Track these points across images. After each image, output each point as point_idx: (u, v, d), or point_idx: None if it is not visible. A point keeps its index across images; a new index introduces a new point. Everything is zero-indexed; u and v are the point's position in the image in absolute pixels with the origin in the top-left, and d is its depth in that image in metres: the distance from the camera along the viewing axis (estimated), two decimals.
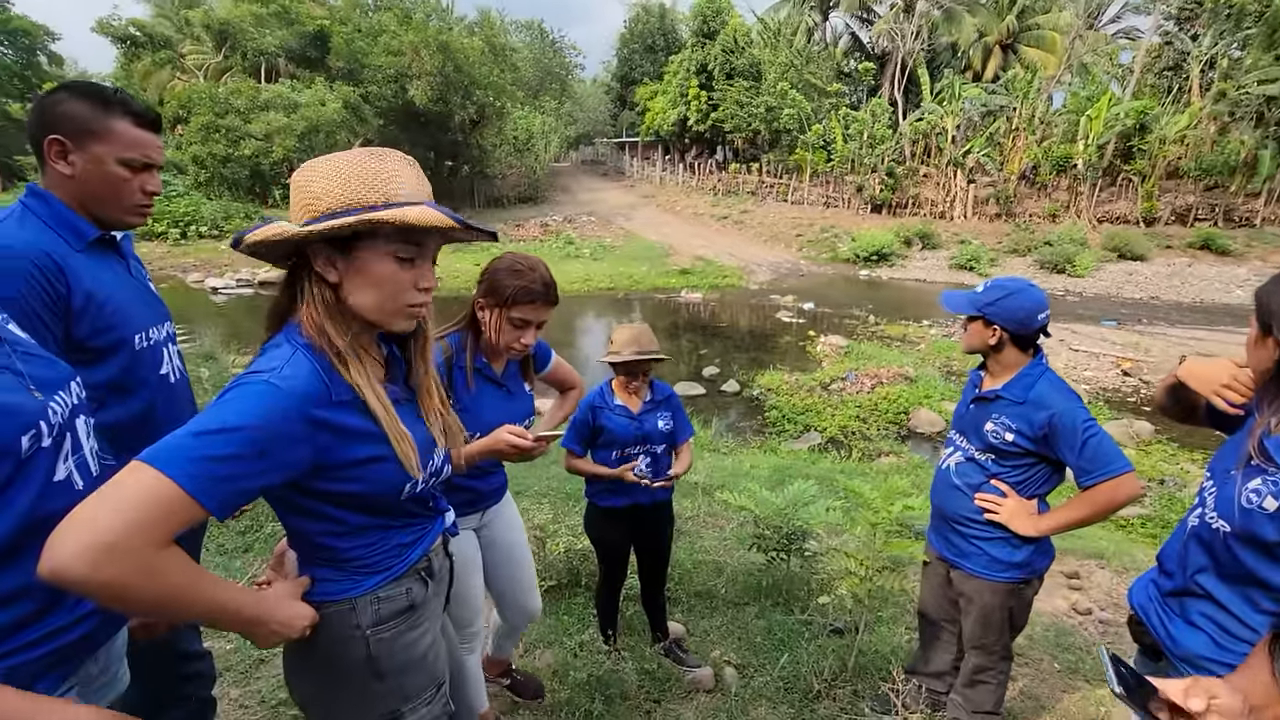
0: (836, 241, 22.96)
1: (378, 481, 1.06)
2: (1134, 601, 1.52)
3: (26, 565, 0.89)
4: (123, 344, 1.37)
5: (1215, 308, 16.30)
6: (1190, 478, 6.52)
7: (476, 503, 1.93)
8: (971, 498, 1.98)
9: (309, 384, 0.96)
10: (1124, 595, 3.62)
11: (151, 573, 0.80)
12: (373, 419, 1.04)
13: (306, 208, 0.99)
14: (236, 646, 2.61)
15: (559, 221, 26.16)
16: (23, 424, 0.89)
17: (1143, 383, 10.06)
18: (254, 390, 0.92)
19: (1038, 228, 22.10)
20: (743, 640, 2.87)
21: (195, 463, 0.83)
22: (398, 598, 1.14)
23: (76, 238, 1.35)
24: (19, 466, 0.88)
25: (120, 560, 0.76)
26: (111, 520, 0.77)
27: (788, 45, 29.30)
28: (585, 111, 41.94)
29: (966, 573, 2.02)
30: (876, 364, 10.40)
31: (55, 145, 1.32)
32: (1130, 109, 21.44)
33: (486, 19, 28.32)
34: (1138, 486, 1.76)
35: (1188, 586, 1.35)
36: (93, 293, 1.32)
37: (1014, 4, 30.42)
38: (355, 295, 1.02)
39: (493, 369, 1.83)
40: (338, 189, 0.98)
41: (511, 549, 2.07)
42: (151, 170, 1.44)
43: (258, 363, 0.98)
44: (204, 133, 21.15)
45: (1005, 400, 1.91)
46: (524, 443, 1.56)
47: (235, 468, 0.86)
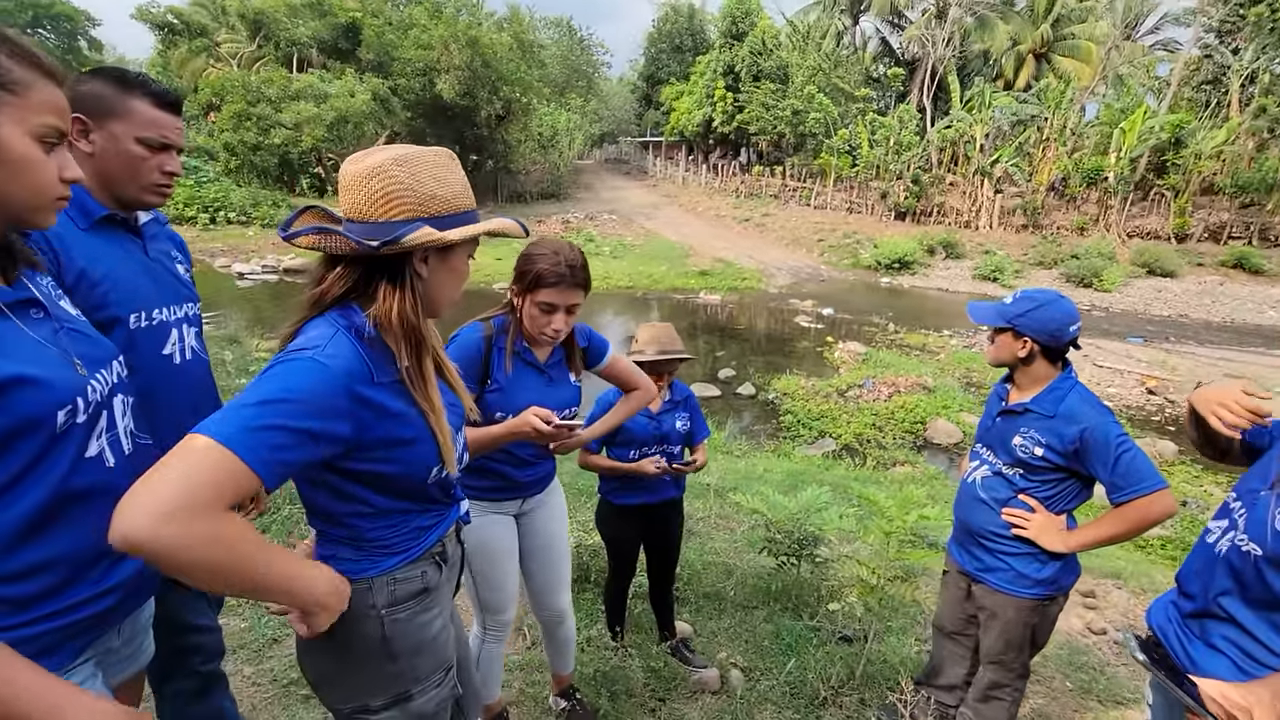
0: (858, 248, 22.75)
1: (410, 464, 1.09)
2: (1152, 622, 1.49)
3: (53, 538, 0.92)
4: (116, 322, 1.36)
5: (1246, 328, 15.90)
6: (1214, 500, 6.37)
7: (513, 490, 1.92)
8: (998, 512, 1.94)
9: (352, 362, 0.99)
10: (1141, 617, 3.55)
11: (215, 539, 0.81)
12: (414, 403, 1.08)
13: (411, 206, 1.03)
14: (250, 625, 2.65)
15: (580, 219, 26.23)
16: (59, 399, 0.91)
17: (1168, 401, 9.85)
18: (300, 365, 0.94)
19: (1065, 240, 21.70)
20: (750, 643, 2.86)
21: (250, 433, 0.85)
22: (413, 580, 1.16)
23: (82, 216, 1.37)
24: (53, 440, 0.90)
25: (183, 524, 0.78)
26: (173, 488, 0.79)
27: (816, 49, 29.07)
28: (610, 110, 42.02)
29: (991, 587, 1.98)
30: (895, 372, 10.29)
31: (77, 124, 1.35)
32: (1166, 122, 20.97)
33: (516, 15, 28.47)
34: (1172, 504, 1.71)
35: (1209, 609, 1.32)
36: (86, 271, 1.33)
37: (1049, 12, 29.89)
38: (439, 289, 1.11)
39: (534, 354, 1.81)
40: (446, 193, 1.06)
41: (552, 539, 2.05)
42: (170, 151, 1.45)
43: (299, 340, 1.00)
44: (236, 120, 21.52)
45: (1034, 414, 1.87)
46: (545, 426, 1.56)
47: (285, 439, 0.88)
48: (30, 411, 0.87)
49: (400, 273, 1.06)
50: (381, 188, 1.02)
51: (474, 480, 1.88)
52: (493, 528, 1.91)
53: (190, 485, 0.80)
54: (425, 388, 1.10)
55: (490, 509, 1.91)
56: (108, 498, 0.96)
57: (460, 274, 1.15)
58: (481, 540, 1.88)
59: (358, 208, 1.03)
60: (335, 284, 1.06)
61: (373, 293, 1.06)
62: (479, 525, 1.88)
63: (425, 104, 25.01)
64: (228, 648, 2.51)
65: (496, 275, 18.15)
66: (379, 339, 1.05)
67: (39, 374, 0.88)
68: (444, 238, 1.03)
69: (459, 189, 1.08)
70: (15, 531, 0.87)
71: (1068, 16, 30.08)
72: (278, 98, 21.90)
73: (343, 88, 22.29)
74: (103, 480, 0.98)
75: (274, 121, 21.45)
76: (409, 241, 0.99)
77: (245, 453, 0.84)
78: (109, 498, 0.95)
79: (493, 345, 1.76)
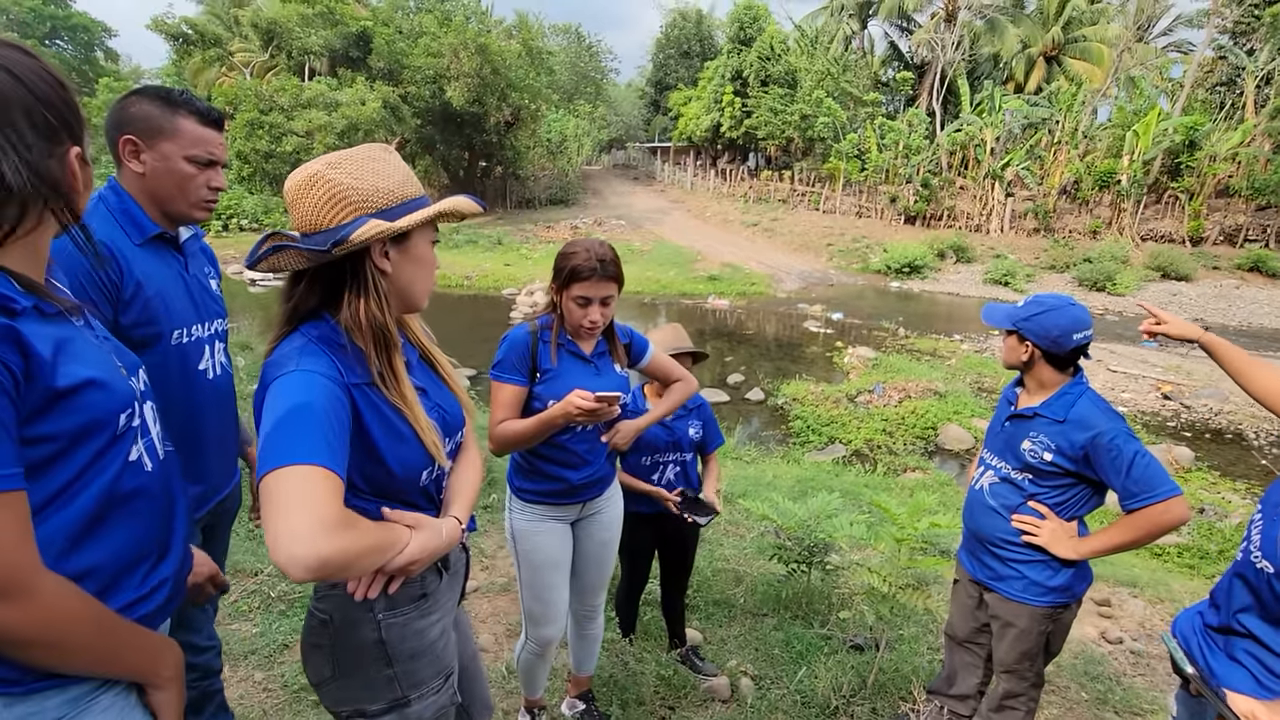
0: (868, 252, 22.66)
1: (404, 464, 1.11)
2: (1177, 632, 1.47)
3: (102, 540, 0.94)
4: (159, 338, 1.43)
5: (1265, 332, 15.69)
6: (1232, 507, 6.28)
7: (571, 495, 1.93)
8: (1007, 519, 1.92)
9: (328, 367, 1.03)
10: (1157, 626, 3.50)
11: (358, 532, 0.91)
12: (392, 402, 1.11)
13: (357, 204, 1.04)
14: (262, 630, 2.67)
15: (589, 224, 26.30)
16: (121, 403, 0.94)
17: (1184, 407, 9.72)
18: (293, 378, 0.99)
19: (1077, 244, 21.51)
20: (760, 651, 2.84)
21: (310, 444, 0.91)
22: (411, 584, 1.16)
23: (137, 232, 1.44)
24: (113, 441, 0.93)
25: (329, 535, 0.85)
26: (300, 514, 0.86)
27: (824, 53, 29.03)
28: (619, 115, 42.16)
29: (1003, 596, 1.96)
30: (905, 377, 10.23)
31: (129, 145, 1.41)
32: (1179, 124, 20.76)
33: (524, 22, 28.65)
34: (1186, 512, 1.69)
35: (1230, 624, 1.31)
36: (142, 284, 1.40)
37: (1060, 15, 29.70)
38: (404, 280, 1.12)
39: (578, 346, 1.87)
40: (389, 184, 1.07)
41: (604, 548, 2.08)
42: (215, 167, 1.51)
43: (276, 363, 1.04)
44: (248, 128, 21.77)
45: (1044, 419, 1.85)
46: (587, 404, 1.60)
47: (331, 438, 0.94)
48: (99, 414, 0.90)
49: (362, 274, 1.07)
50: (324, 193, 1.03)
51: (530, 483, 1.92)
52: (546, 536, 1.93)
53: (309, 505, 0.86)
54: (398, 385, 1.11)
55: (548, 514, 1.94)
56: (147, 500, 1.01)
57: (427, 262, 1.16)
58: (533, 548, 1.93)
59: (307, 220, 1.05)
60: (304, 298, 1.09)
61: (338, 297, 1.08)
62: (532, 532, 1.93)
63: (435, 111, 25.19)
64: (239, 653, 2.54)
65: (505, 281, 18.23)
66: (350, 343, 1.07)
67: (105, 378, 0.91)
68: (393, 227, 1.04)
69: (401, 178, 1.09)
70: (73, 531, 0.90)
71: (1079, 19, 29.88)
72: (289, 106, 22.15)
73: (353, 96, 22.49)
74: (143, 484, 1.01)
75: (286, 129, 21.68)
76: (358, 238, 1.01)
77: (321, 459, 0.90)
78: (148, 500, 1.01)
79: (538, 339, 1.83)
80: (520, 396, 1.80)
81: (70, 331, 0.91)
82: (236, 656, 2.55)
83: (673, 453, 2.42)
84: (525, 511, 1.94)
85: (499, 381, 1.80)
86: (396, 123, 24.06)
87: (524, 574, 1.97)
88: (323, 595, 1.15)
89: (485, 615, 3.04)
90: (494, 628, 2.94)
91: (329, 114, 21.69)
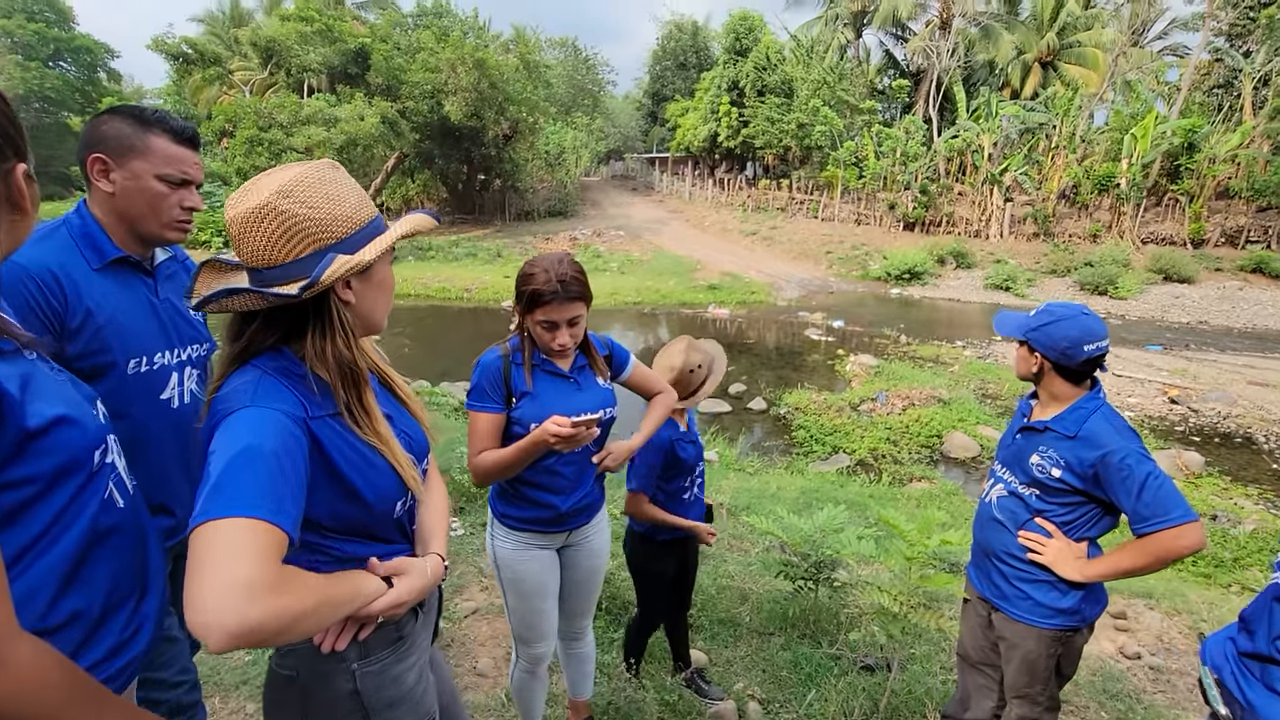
0: (867, 259, 22.63)
1: (376, 495, 1.04)
2: (1208, 660, 1.38)
3: (85, 583, 0.91)
4: (111, 367, 1.37)
5: (1270, 334, 15.59)
6: (1245, 513, 6.17)
7: (558, 523, 1.85)
8: (1014, 534, 1.85)
9: (286, 400, 0.94)
10: (1175, 639, 3.41)
11: (297, 593, 0.81)
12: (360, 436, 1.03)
13: (315, 237, 0.96)
14: (254, 659, 2.59)
15: (588, 235, 26.33)
16: (95, 438, 0.91)
17: (1191, 411, 9.61)
18: (244, 416, 0.90)
19: (1078, 248, 21.46)
20: (767, 673, 2.75)
21: (251, 495, 0.81)
22: (386, 627, 1.09)
23: (96, 256, 1.38)
24: (89, 479, 0.90)
25: (259, 598, 0.76)
26: (225, 575, 0.76)
27: (820, 62, 29.16)
28: (617, 127, 42.37)
29: (1008, 616, 1.88)
30: (908, 385, 10.14)
31: (98, 163, 1.37)
32: (1177, 127, 20.75)
33: (521, 37, 28.84)
34: (1201, 539, 1.59)
35: (1270, 653, 1.23)
36: (93, 312, 1.33)
37: (1054, 21, 29.84)
38: (367, 307, 1.05)
39: (555, 364, 1.79)
40: (345, 210, 0.99)
41: (591, 574, 2.01)
42: (189, 186, 1.46)
43: (225, 398, 0.94)
44: (248, 145, 21.86)
45: (1054, 433, 1.78)
46: (563, 430, 1.52)
47: (279, 486, 0.85)
48: (74, 452, 0.87)
49: (325, 309, 0.99)
50: (277, 227, 0.94)
51: (515, 510, 1.84)
52: (532, 564, 1.86)
53: (237, 563, 0.77)
54: (370, 421, 1.04)
55: (534, 543, 1.86)
56: (123, 537, 0.97)
57: (388, 285, 1.09)
58: (519, 576, 1.85)
59: (258, 254, 0.95)
60: (258, 338, 0.99)
61: (300, 334, 0.99)
62: (517, 560, 1.85)
63: (433, 125, 25.31)
64: (230, 683, 2.47)
65: (505, 293, 18.21)
66: (311, 374, 1.00)
67: (76, 414, 0.88)
68: (361, 260, 0.97)
69: (355, 200, 1.01)
70: (59, 576, 0.86)
71: (1073, 24, 30.00)
72: (289, 123, 22.25)
73: (352, 111, 22.59)
74: (118, 520, 0.97)
75: (285, 146, 21.76)
76: (328, 279, 0.93)
77: (260, 513, 0.80)
78: (124, 537, 0.97)
79: (510, 362, 1.76)
80: (497, 424, 1.73)
81: (29, 367, 0.86)
82: (228, 687, 2.48)
83: (701, 463, 2.37)
84: (509, 539, 1.86)
85: (474, 411, 1.73)
86: (395, 137, 24.18)
87: (510, 600, 1.90)
88: (285, 651, 1.07)
89: (484, 638, 2.95)
90: (493, 651, 2.85)
91: (328, 130, 21.78)
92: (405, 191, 30.70)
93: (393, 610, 1.02)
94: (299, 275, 0.95)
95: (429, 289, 19.10)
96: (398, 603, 1.01)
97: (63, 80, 35.14)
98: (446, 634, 2.94)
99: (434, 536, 1.18)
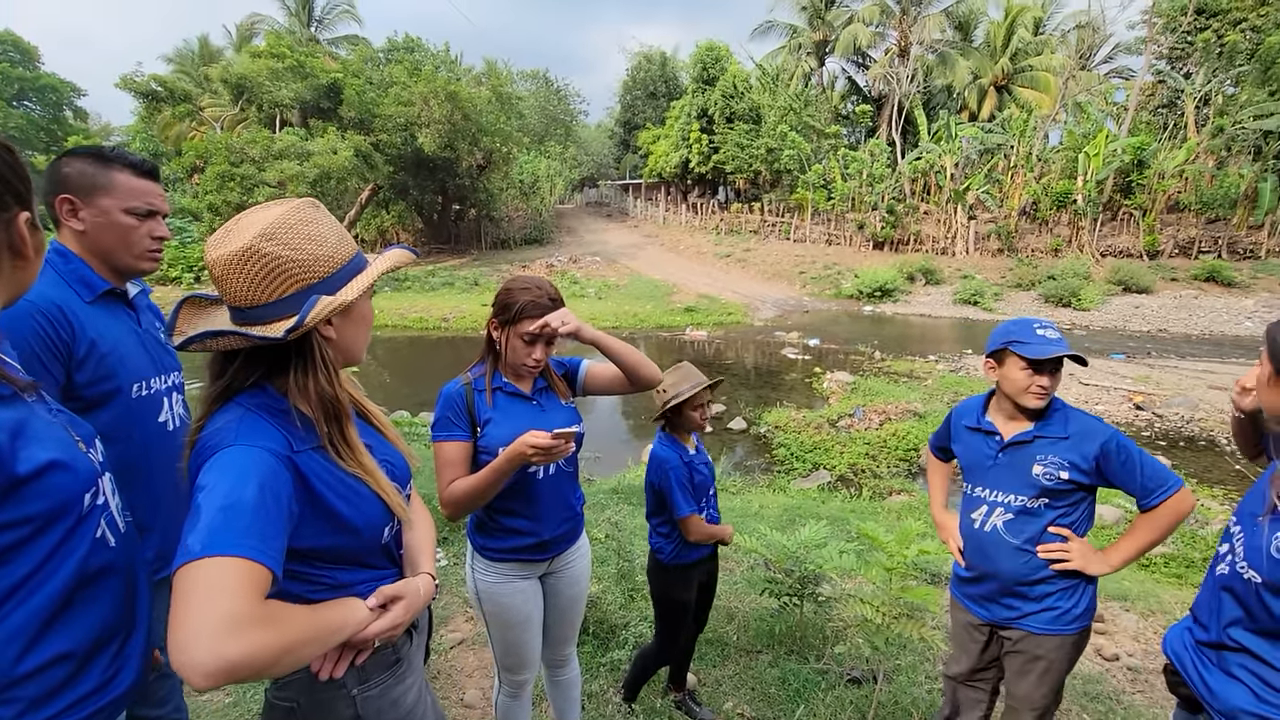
0: (839, 278, 23.09)
1: (364, 524, 1.06)
2: (1169, 650, 1.45)
3: (71, 624, 0.92)
4: (117, 393, 1.42)
5: (1225, 339, 16.18)
6: (1211, 514, 6.36)
7: (540, 551, 1.86)
8: (1034, 553, 1.84)
9: (270, 437, 0.96)
10: (1152, 640, 3.49)
11: (280, 627, 0.82)
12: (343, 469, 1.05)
13: (297, 278, 0.99)
14: (235, 700, 2.53)
15: (565, 261, 26.48)
16: (86, 481, 0.92)
17: (1156, 416, 9.91)
18: (230, 455, 0.91)
19: (1040, 262, 22.18)
20: (756, 691, 2.76)
21: (236, 533, 0.83)
22: (383, 652, 1.11)
23: (87, 290, 1.43)
24: (78, 522, 0.91)
25: (239, 634, 0.76)
26: (206, 613, 0.76)
27: (786, 90, 30.05)
28: (590, 155, 42.94)
29: (1031, 632, 1.87)
30: (884, 400, 10.31)
31: (65, 204, 1.42)
32: (1127, 145, 21.74)
33: (493, 69, 29.27)
34: (1193, 498, 1.74)
35: (1222, 640, 1.29)
36: (96, 342, 1.39)
37: (1006, 47, 31.27)
38: (347, 341, 1.08)
39: (517, 386, 1.81)
40: (326, 250, 1.02)
41: (573, 601, 2.01)
42: (156, 217, 1.52)
43: (207, 434, 0.96)
44: (219, 181, 21.72)
45: (1046, 439, 1.83)
46: (542, 441, 1.53)
47: (265, 524, 0.86)
48: (64, 497, 0.88)
49: (307, 346, 1.01)
50: (260, 269, 0.96)
51: (495, 541, 1.83)
52: (515, 596, 1.85)
53: (218, 601, 0.77)
54: (354, 454, 1.06)
55: (516, 573, 1.85)
56: (113, 577, 0.97)
57: (367, 318, 1.13)
58: (502, 607, 1.84)
59: (240, 295, 0.97)
60: (240, 376, 1.01)
61: (282, 371, 1.02)
62: (499, 593, 1.84)
63: (407, 157, 25.42)
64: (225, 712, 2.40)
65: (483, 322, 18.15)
66: (294, 409, 1.02)
67: (67, 459, 0.89)
68: (343, 300, 1.00)
69: (336, 239, 1.03)
70: (43, 619, 0.87)
71: (1024, 50, 31.45)
72: (261, 158, 22.19)
73: (325, 145, 22.61)
74: (109, 560, 0.97)
75: (258, 180, 21.66)
76: (312, 320, 0.96)
77: (244, 551, 0.82)
78: (114, 577, 0.97)
79: (473, 390, 1.78)
80: (465, 452, 1.73)
81: (24, 412, 0.88)
82: None
83: (713, 484, 2.42)
84: (490, 571, 1.84)
85: (440, 441, 1.73)
86: (369, 170, 24.21)
87: (493, 631, 1.89)
88: (283, 683, 1.07)
89: (471, 669, 2.92)
90: (480, 682, 2.82)
91: (301, 164, 21.75)
92: (380, 223, 30.63)
93: (389, 634, 1.03)
94: (281, 315, 0.97)
95: (406, 319, 18.99)
96: (393, 625, 1.03)
97: (27, 119, 34.64)
98: (433, 665, 2.90)
99: (421, 556, 1.20)
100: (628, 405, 11.13)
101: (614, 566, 3.59)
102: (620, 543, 3.49)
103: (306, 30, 34.94)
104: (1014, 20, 31.39)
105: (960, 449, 2.04)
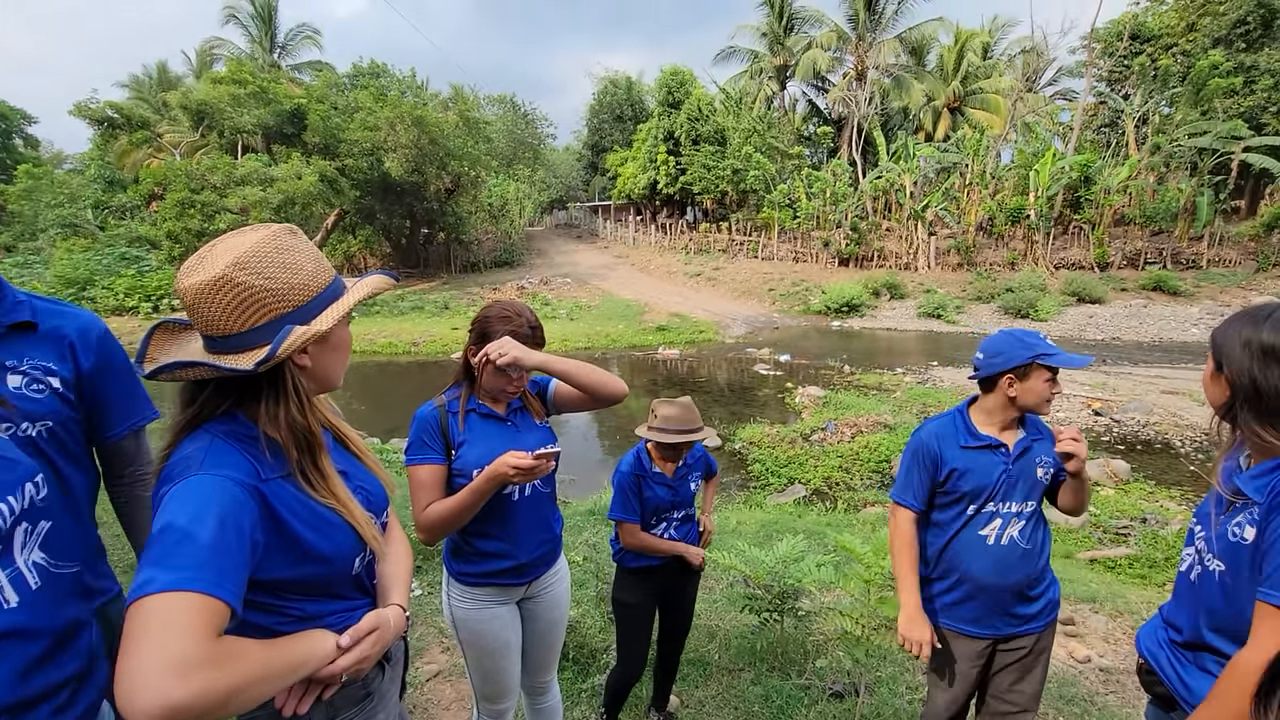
0: (808, 294, 23.51)
1: (336, 548, 1.04)
2: (1143, 649, 1.48)
3: None
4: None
5: (1174, 346, 16.87)
6: (1170, 514, 6.57)
7: (518, 574, 1.83)
8: (1044, 553, 1.95)
9: (236, 465, 0.94)
10: (1122, 640, 3.57)
11: (233, 666, 0.79)
12: (314, 495, 1.03)
13: (271, 307, 0.97)
14: None
15: (535, 284, 26.45)
16: None
17: (1114, 421, 10.25)
18: (192, 485, 0.89)
19: (998, 275, 22.94)
20: (739, 710, 2.75)
21: (192, 567, 0.80)
22: (352, 687, 1.08)
23: None
24: None
25: (187, 675, 0.73)
26: (153, 652, 0.74)
27: (749, 112, 30.79)
28: (558, 177, 43.22)
29: (1037, 632, 1.94)
30: (855, 413, 10.47)
31: None
32: (1074, 162, 22.76)
33: (460, 94, 29.34)
34: None
35: (1196, 640, 1.32)
36: None
37: (957, 71, 32.63)
38: (323, 369, 1.06)
39: (491, 408, 1.80)
40: (301, 279, 1.00)
41: (552, 625, 1.98)
42: None
43: (173, 462, 0.94)
44: (179, 208, 21.21)
45: (1040, 441, 1.95)
46: (524, 462, 1.53)
47: (223, 558, 0.84)
48: None
49: (279, 376, 0.99)
50: (233, 299, 0.94)
51: (471, 566, 1.80)
52: (492, 622, 1.81)
53: (167, 640, 0.75)
54: (325, 483, 1.04)
55: (493, 599, 1.82)
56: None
57: (345, 345, 1.10)
58: (479, 634, 1.81)
59: (212, 324, 0.95)
60: (210, 405, 0.99)
61: (253, 400, 1.00)
62: (477, 618, 1.80)
63: (374, 182, 25.22)
64: None
65: (454, 345, 17.99)
66: (262, 436, 0.99)
67: None
68: (317, 330, 0.98)
69: (312, 266, 1.01)
70: None
71: (975, 73, 32.88)
72: (223, 184, 21.77)
73: (289, 170, 22.30)
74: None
75: (219, 207, 21.22)
76: (285, 351, 0.94)
77: (200, 585, 0.79)
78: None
79: (446, 412, 1.77)
80: (440, 475, 1.72)
81: None
82: None
83: (678, 510, 2.41)
84: (466, 597, 1.81)
85: (414, 465, 1.71)
86: (334, 195, 23.94)
87: (470, 658, 1.86)
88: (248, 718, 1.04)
89: (448, 702, 2.85)
90: (458, 715, 2.75)
91: (264, 189, 21.39)
92: (347, 248, 30.23)
93: (356, 668, 1.00)
94: (255, 344, 0.96)
95: (375, 344, 18.69)
96: (361, 659, 1.00)
97: None
98: (409, 699, 2.82)
99: (394, 587, 1.17)
100: (602, 425, 11.09)
101: (593, 590, 3.55)
102: (599, 565, 3.46)
103: (269, 56, 34.65)
104: (964, 45, 32.84)
105: (962, 472, 1.90)
